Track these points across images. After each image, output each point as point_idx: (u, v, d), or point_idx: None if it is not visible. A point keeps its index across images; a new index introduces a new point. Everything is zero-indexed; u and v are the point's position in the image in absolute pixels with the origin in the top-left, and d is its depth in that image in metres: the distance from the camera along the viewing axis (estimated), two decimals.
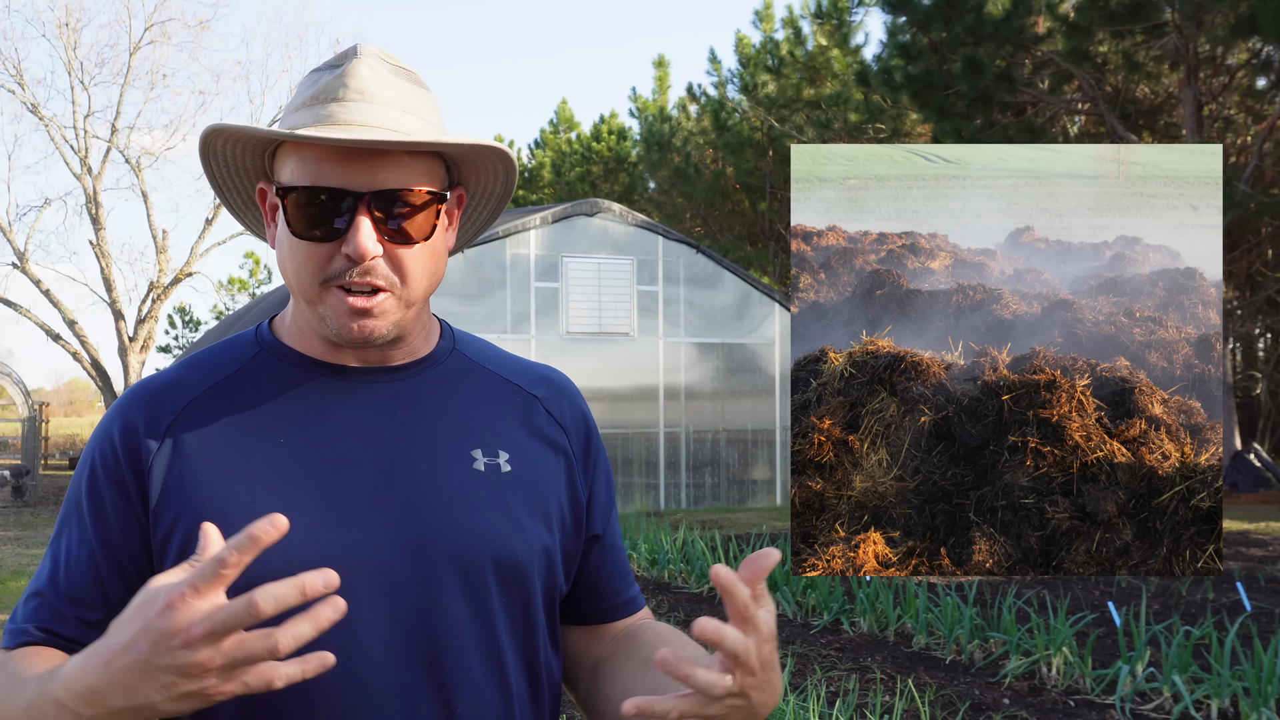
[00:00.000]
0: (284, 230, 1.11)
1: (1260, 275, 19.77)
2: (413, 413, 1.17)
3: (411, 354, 1.20)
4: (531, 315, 14.21)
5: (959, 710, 4.95)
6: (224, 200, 1.23)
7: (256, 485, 1.10)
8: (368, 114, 1.10)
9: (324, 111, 1.10)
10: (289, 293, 1.18)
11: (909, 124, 21.45)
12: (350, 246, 1.07)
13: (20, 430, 21.17)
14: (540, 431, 1.24)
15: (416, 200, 1.10)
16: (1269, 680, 4.67)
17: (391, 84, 1.13)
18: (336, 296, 1.10)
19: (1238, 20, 13.58)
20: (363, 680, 1.06)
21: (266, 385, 1.15)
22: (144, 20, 27.21)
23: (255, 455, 1.11)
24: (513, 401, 1.25)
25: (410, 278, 1.12)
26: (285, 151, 1.12)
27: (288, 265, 1.12)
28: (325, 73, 1.14)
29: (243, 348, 1.19)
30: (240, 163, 1.18)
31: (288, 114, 1.14)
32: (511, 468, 1.19)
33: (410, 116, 1.12)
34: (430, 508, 1.13)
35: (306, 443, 1.12)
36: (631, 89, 48.27)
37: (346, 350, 1.16)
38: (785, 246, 24.93)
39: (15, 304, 23.00)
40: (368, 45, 1.15)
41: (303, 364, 1.17)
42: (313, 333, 1.17)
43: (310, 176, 1.08)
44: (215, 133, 1.13)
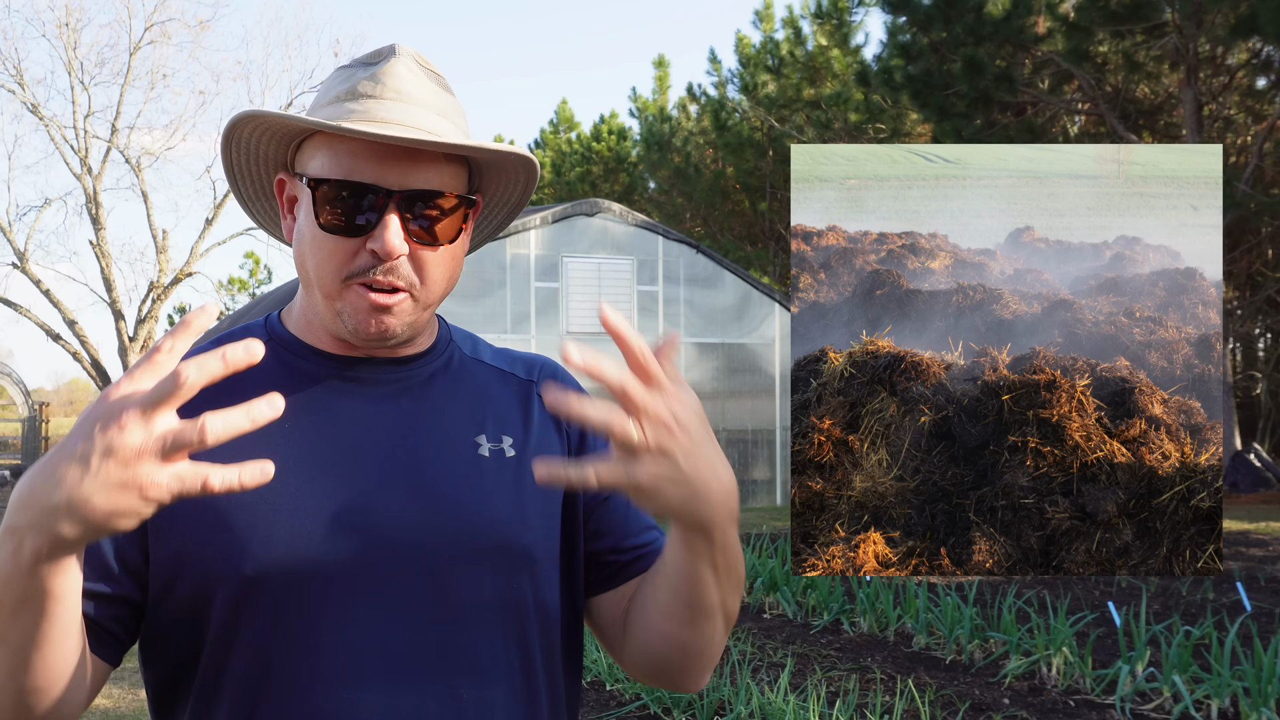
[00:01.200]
0: (308, 223, 1.11)
1: (1260, 275, 19.76)
2: (417, 403, 1.18)
3: (415, 348, 1.21)
4: (531, 315, 14.21)
5: (959, 710, 4.95)
6: (235, 188, 1.22)
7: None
8: (406, 114, 1.10)
9: (359, 107, 1.10)
10: (298, 285, 1.18)
11: (909, 124, 21.45)
12: (378, 243, 1.07)
13: (20, 430, 21.18)
14: (537, 415, 1.26)
15: (446, 204, 1.11)
16: (1269, 680, 4.67)
17: (427, 86, 1.13)
18: (357, 293, 1.10)
19: (1238, 20, 13.57)
20: (370, 664, 1.06)
21: (273, 374, 1.14)
22: (144, 20, 27.23)
23: (267, 442, 1.09)
24: (511, 389, 1.26)
25: (430, 280, 1.12)
26: (316, 144, 1.12)
27: (309, 258, 1.11)
28: (359, 69, 1.14)
29: (251, 336, 1.18)
30: (263, 152, 1.17)
31: (318, 107, 1.14)
32: (515, 452, 1.20)
33: (443, 120, 1.13)
34: (438, 494, 1.13)
35: (316, 431, 1.12)
36: (632, 89, 48.27)
37: (354, 345, 1.16)
38: (785, 246, 24.93)
39: (15, 304, 22.99)
40: (404, 46, 1.15)
41: (310, 355, 1.17)
42: (320, 327, 1.16)
43: (343, 170, 1.08)
44: (247, 119, 1.12)
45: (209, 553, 1.05)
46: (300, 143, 1.15)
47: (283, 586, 1.05)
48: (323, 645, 1.05)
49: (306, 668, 1.05)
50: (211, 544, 1.05)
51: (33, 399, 21.54)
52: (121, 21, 36.54)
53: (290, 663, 1.05)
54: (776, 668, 5.85)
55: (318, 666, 1.05)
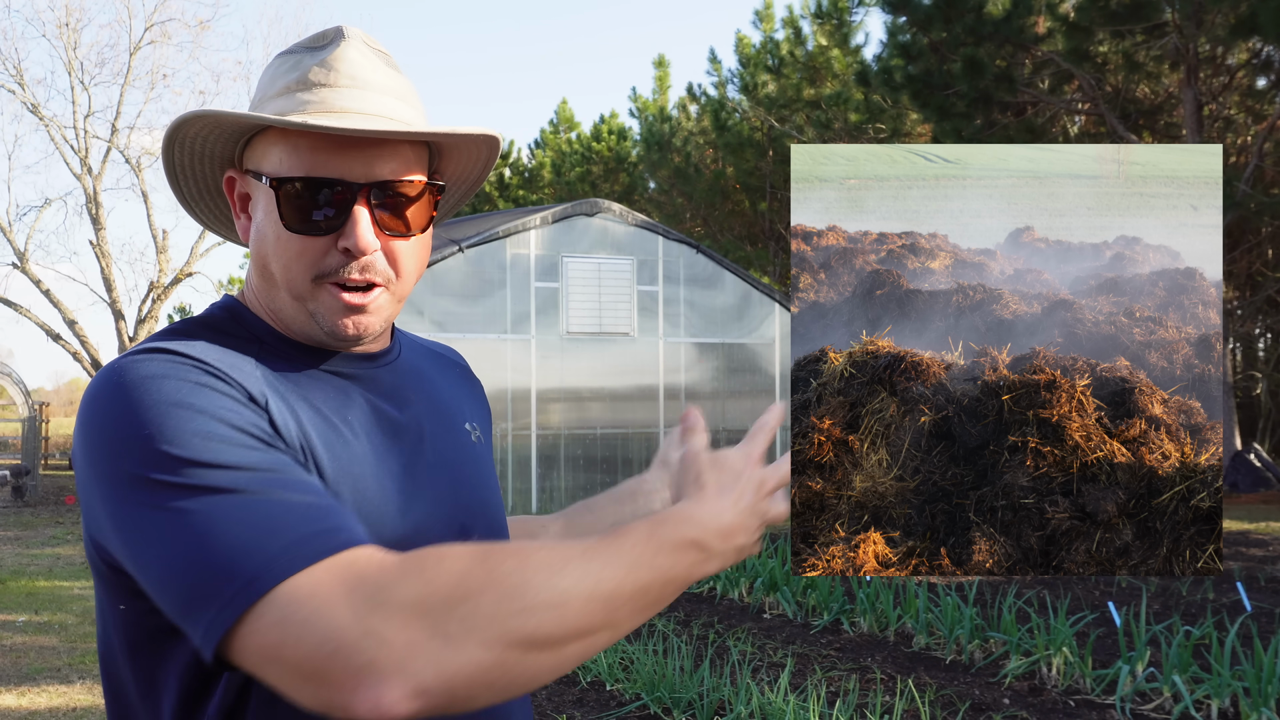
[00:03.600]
0: (270, 222, 1.05)
1: (1260, 275, 19.75)
2: (406, 397, 1.16)
3: (383, 342, 1.18)
4: (531, 315, 14.21)
5: (959, 710, 4.94)
6: (177, 188, 1.15)
7: (360, 459, 1.05)
8: (363, 101, 1.05)
9: (314, 98, 1.05)
10: (252, 285, 1.11)
11: (909, 124, 21.44)
12: (349, 240, 1.03)
13: (20, 430, 21.16)
14: (478, 396, 1.30)
15: (412, 191, 1.07)
16: (1269, 680, 4.66)
17: (380, 69, 1.08)
18: (330, 293, 1.05)
19: (1238, 20, 13.57)
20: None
21: (292, 369, 1.09)
22: (144, 20, 27.20)
23: (353, 440, 1.07)
24: (455, 375, 1.28)
25: (404, 271, 1.08)
26: (270, 139, 1.06)
27: (274, 260, 1.06)
28: (305, 55, 1.08)
29: (236, 330, 1.10)
30: (209, 150, 1.11)
31: (266, 99, 1.08)
32: (480, 435, 1.23)
33: (401, 103, 1.08)
34: (460, 485, 1.15)
35: (361, 425, 1.09)
36: (632, 89, 48.24)
37: (315, 341, 1.11)
38: (785, 246, 24.92)
39: (15, 304, 22.99)
40: (351, 27, 1.10)
41: (303, 353, 1.11)
42: (286, 325, 1.10)
43: (304, 166, 1.03)
44: (195, 118, 1.05)
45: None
46: (250, 138, 1.09)
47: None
48: None
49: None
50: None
51: (33, 399, 21.53)
52: (121, 21, 36.48)
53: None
54: (776, 668, 5.85)
55: None
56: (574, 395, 14.25)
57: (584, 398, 14.46)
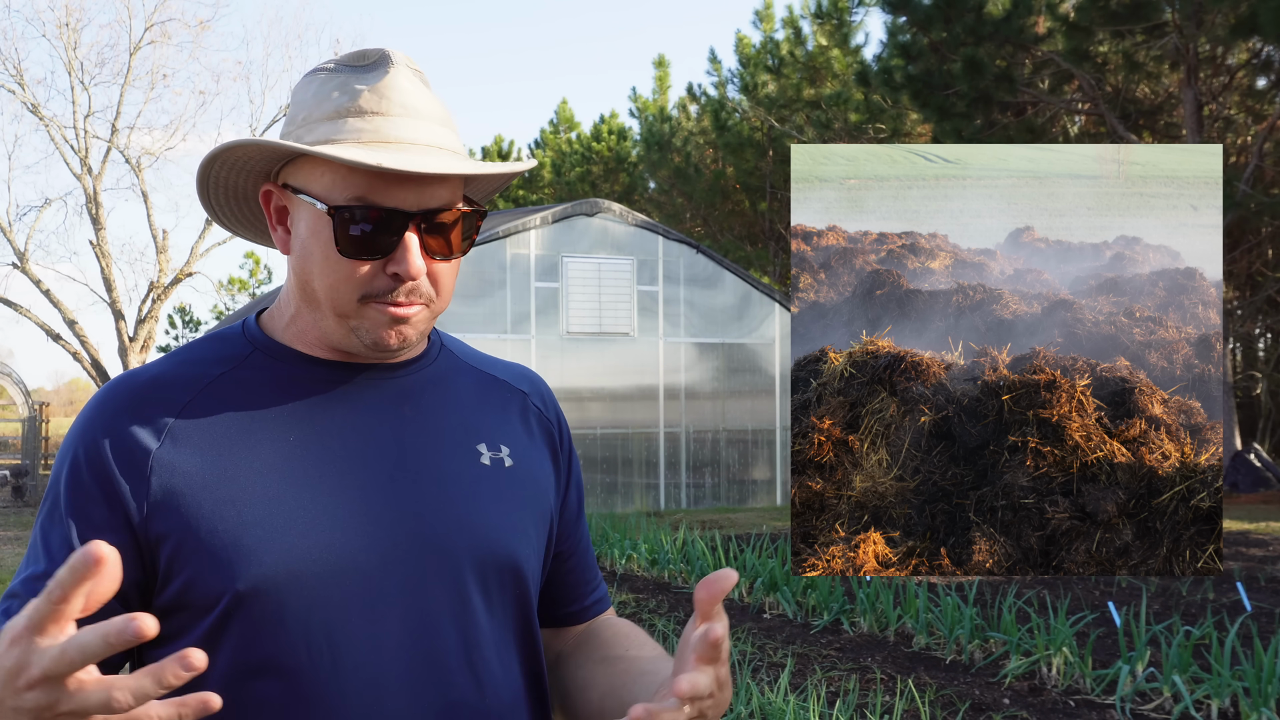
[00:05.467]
0: (319, 244, 1.08)
1: (1260, 275, 19.76)
2: (417, 409, 1.17)
3: (413, 353, 1.20)
4: (532, 315, 14.21)
5: (959, 710, 4.95)
6: (204, 195, 1.18)
7: (271, 481, 1.08)
8: (415, 131, 1.09)
9: (368, 126, 1.08)
10: (293, 294, 1.15)
11: (909, 124, 21.45)
12: (400, 266, 1.07)
13: (20, 430, 21.18)
14: (532, 426, 1.26)
15: (455, 217, 1.11)
16: (1269, 680, 4.67)
17: (425, 95, 1.12)
18: (376, 309, 1.09)
19: (1238, 20, 13.57)
20: (379, 676, 1.06)
21: (266, 383, 1.13)
22: (144, 20, 27.20)
23: (267, 452, 1.09)
24: (505, 397, 1.26)
25: (444, 290, 1.13)
26: (320, 161, 1.08)
27: (320, 279, 1.09)
28: (352, 77, 1.11)
29: (233, 345, 1.16)
30: (249, 165, 1.14)
31: (313, 120, 1.10)
32: (513, 462, 1.20)
33: (446, 130, 1.12)
34: (444, 503, 1.13)
35: (317, 440, 1.11)
36: (632, 89, 48.27)
37: (350, 351, 1.14)
38: (785, 246, 24.93)
39: (15, 304, 22.99)
40: (396, 51, 1.13)
41: (302, 362, 1.14)
42: (317, 338, 1.14)
43: (359, 191, 1.06)
44: (253, 147, 1.09)
45: (221, 573, 1.04)
46: (295, 156, 1.11)
47: (295, 597, 1.04)
48: (343, 646, 1.06)
49: (320, 672, 1.05)
50: (221, 562, 1.04)
51: (33, 399, 21.55)
52: (121, 21, 36.51)
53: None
54: (776, 668, 5.85)
55: (331, 673, 1.05)
56: (574, 395, 14.25)
57: (584, 398, 14.47)
